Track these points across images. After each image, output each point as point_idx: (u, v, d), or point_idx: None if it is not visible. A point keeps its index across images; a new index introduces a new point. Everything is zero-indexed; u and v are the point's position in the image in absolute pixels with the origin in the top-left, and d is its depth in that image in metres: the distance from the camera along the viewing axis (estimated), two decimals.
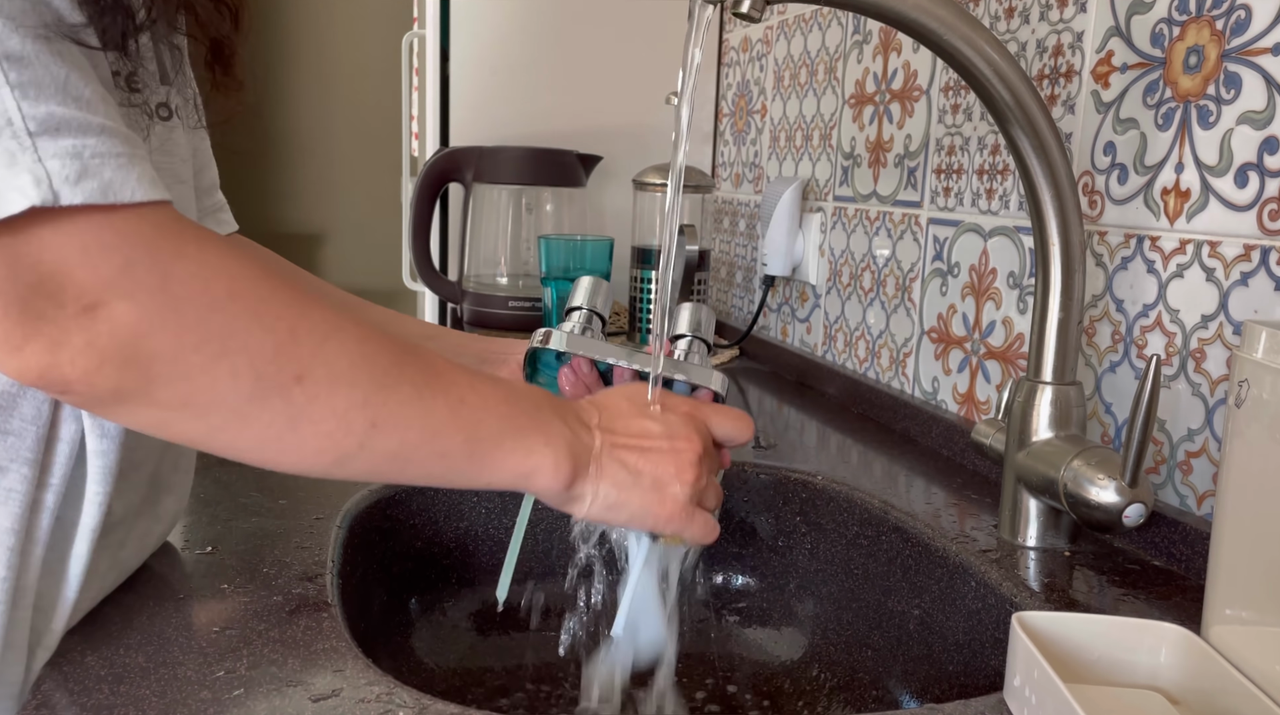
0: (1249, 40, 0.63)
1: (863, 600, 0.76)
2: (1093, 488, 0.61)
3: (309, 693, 0.46)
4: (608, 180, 1.60)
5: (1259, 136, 0.62)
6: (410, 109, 1.96)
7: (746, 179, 1.49)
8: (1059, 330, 0.66)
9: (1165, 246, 0.69)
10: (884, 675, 0.72)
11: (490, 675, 0.75)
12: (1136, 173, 0.72)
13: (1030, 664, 0.46)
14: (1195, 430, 0.67)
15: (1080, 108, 0.78)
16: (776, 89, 1.39)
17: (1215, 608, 0.51)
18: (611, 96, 1.63)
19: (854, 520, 0.77)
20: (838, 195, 1.18)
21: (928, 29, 0.61)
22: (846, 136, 1.17)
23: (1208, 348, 0.66)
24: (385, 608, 0.75)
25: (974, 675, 0.64)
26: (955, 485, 0.81)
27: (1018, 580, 0.62)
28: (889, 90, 1.07)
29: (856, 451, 0.91)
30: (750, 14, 0.59)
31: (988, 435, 0.74)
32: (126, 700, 0.45)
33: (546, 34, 1.61)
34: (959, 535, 0.69)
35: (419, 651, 0.75)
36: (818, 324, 1.23)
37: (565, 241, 1.32)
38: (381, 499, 0.75)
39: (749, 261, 1.46)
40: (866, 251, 1.11)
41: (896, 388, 1.04)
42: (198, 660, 0.49)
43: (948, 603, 0.67)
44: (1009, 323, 0.87)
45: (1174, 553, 0.65)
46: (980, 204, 0.91)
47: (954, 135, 0.95)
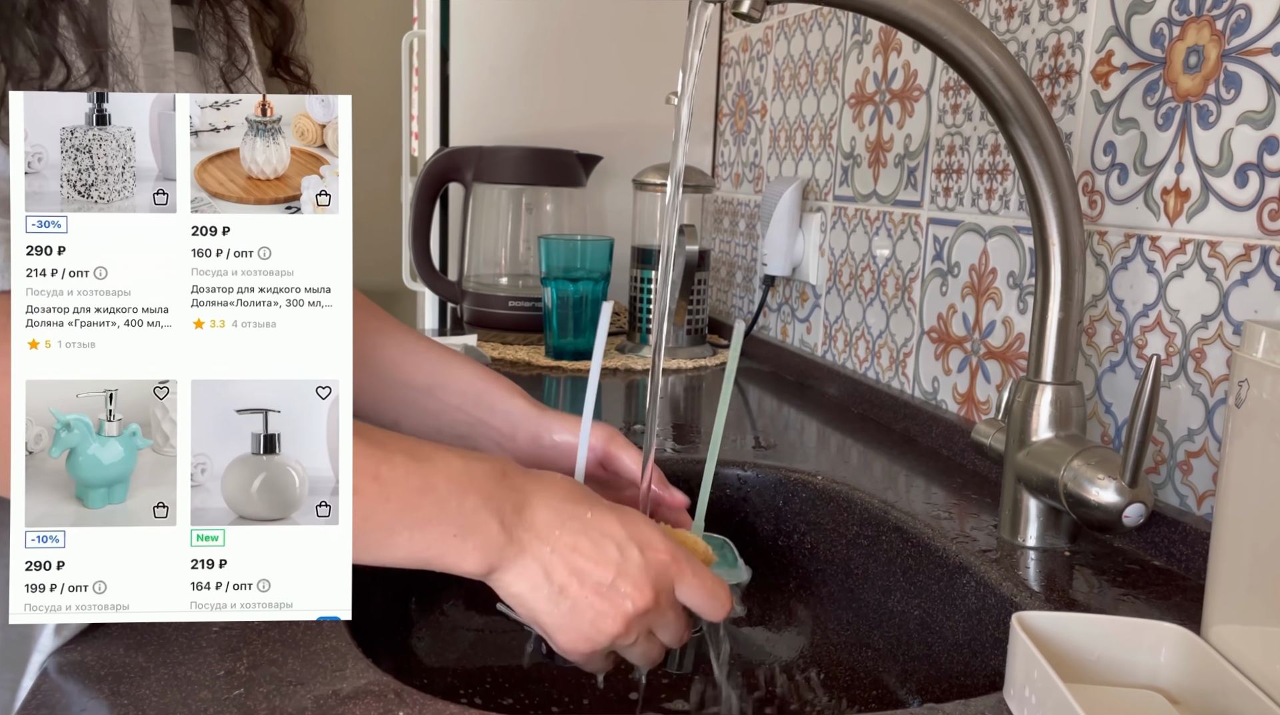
0: (1249, 40, 0.63)
1: (863, 600, 0.76)
2: (1093, 488, 0.61)
3: (309, 693, 0.46)
4: (608, 180, 1.60)
5: (1259, 136, 0.62)
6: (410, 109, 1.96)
7: (746, 179, 1.49)
8: (1059, 330, 0.66)
9: (1165, 246, 0.69)
10: (884, 675, 0.72)
11: (490, 675, 0.75)
12: (1136, 173, 0.72)
13: (1030, 664, 0.46)
14: (1195, 430, 0.67)
15: (1080, 108, 0.78)
16: (776, 89, 1.39)
17: (1215, 608, 0.51)
18: (611, 96, 1.63)
19: (854, 520, 0.77)
20: (838, 195, 1.18)
21: (928, 29, 0.61)
22: (846, 136, 1.17)
23: (1208, 348, 0.66)
24: (385, 608, 0.75)
25: (974, 675, 0.64)
26: (955, 485, 0.81)
27: (1018, 580, 0.62)
28: (889, 90, 1.07)
29: (856, 451, 0.91)
30: (750, 14, 0.59)
31: (988, 435, 0.74)
32: (126, 700, 0.45)
33: (546, 34, 1.61)
34: (959, 535, 0.69)
35: (419, 651, 0.75)
36: (818, 324, 1.23)
37: (565, 241, 1.32)
38: None
39: (749, 261, 1.46)
40: (866, 251, 1.11)
41: (896, 388, 1.04)
42: (198, 660, 0.49)
43: (948, 603, 0.67)
44: (1009, 323, 0.87)
45: (1174, 553, 0.65)
46: (980, 204, 0.91)
47: (954, 135, 0.95)
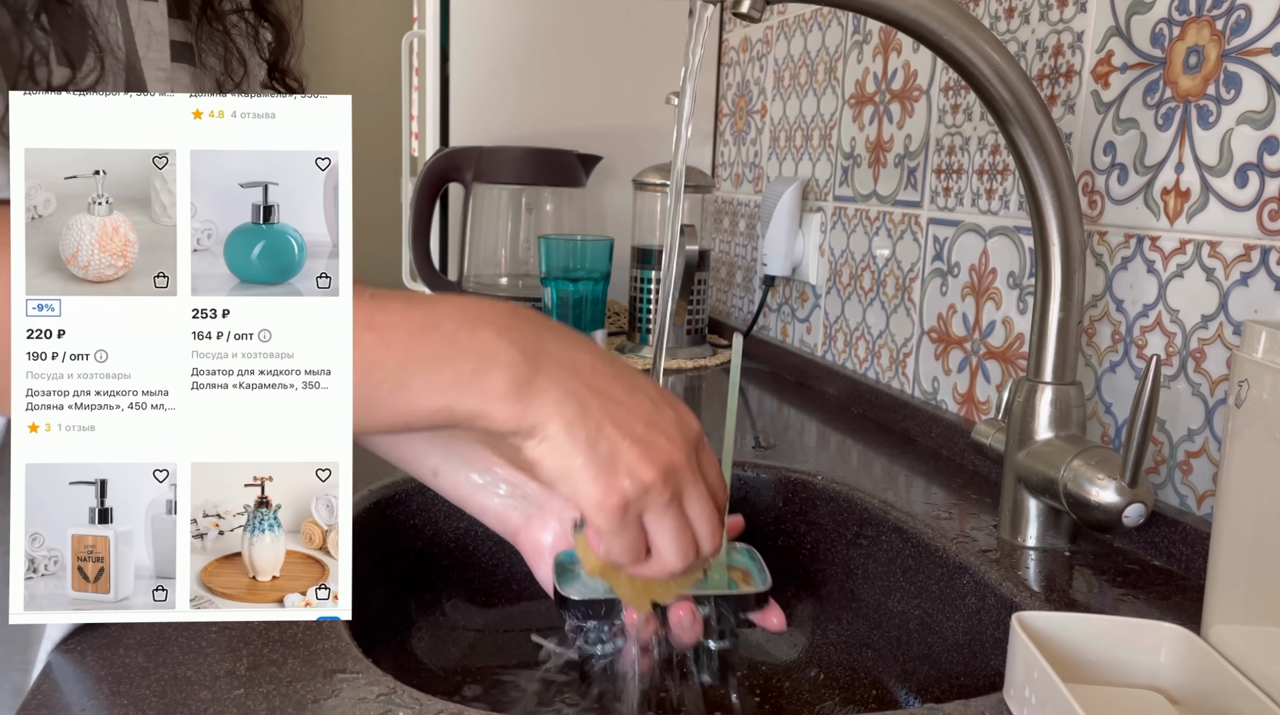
0: (1249, 40, 0.63)
1: (863, 600, 0.76)
2: (1093, 488, 0.61)
3: (309, 693, 0.46)
4: (608, 180, 1.60)
5: (1259, 136, 0.62)
6: (410, 109, 1.96)
7: (746, 179, 1.49)
8: (1059, 330, 0.66)
9: (1165, 246, 0.69)
10: (884, 675, 0.72)
11: (490, 675, 0.75)
12: (1136, 173, 0.72)
13: (1030, 664, 0.46)
14: (1195, 430, 0.67)
15: (1080, 108, 0.78)
16: (776, 89, 1.39)
17: (1215, 608, 0.51)
18: (611, 96, 1.63)
19: (854, 520, 0.77)
20: (838, 195, 1.18)
21: (928, 29, 0.61)
22: (846, 136, 1.17)
23: (1208, 348, 0.66)
24: (385, 608, 0.75)
25: (974, 675, 0.64)
26: (955, 485, 0.81)
27: (1018, 580, 0.62)
28: (889, 90, 1.07)
29: (856, 451, 0.91)
30: (750, 14, 0.59)
31: (988, 435, 0.74)
32: (126, 700, 0.45)
33: (546, 34, 1.61)
34: (959, 535, 0.69)
35: (419, 651, 0.75)
36: (818, 324, 1.23)
37: (565, 241, 1.32)
38: (382, 499, 0.75)
39: (749, 261, 1.46)
40: (866, 251, 1.11)
41: (896, 388, 1.04)
42: (198, 660, 0.49)
43: (948, 603, 0.67)
44: (1009, 323, 0.87)
45: (1174, 553, 0.65)
46: (980, 204, 0.91)
47: (954, 135, 0.95)
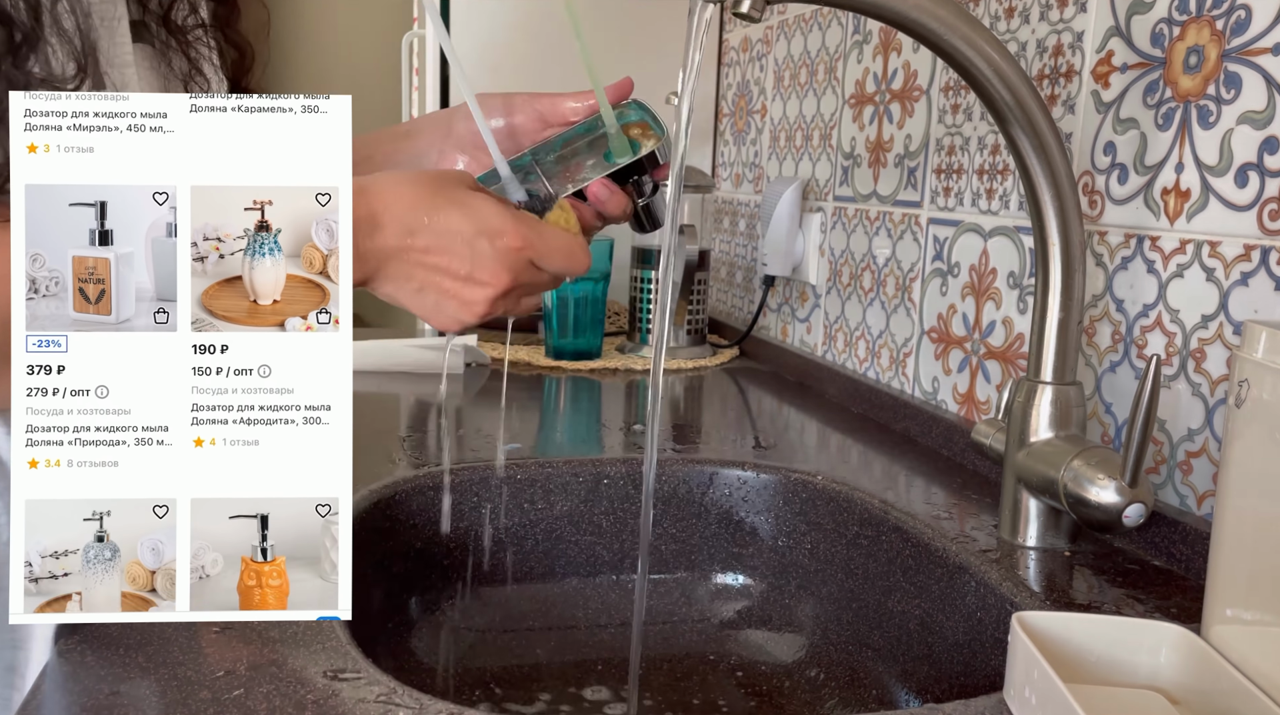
0: (1249, 40, 0.63)
1: (863, 600, 0.76)
2: (1093, 488, 0.61)
3: (309, 693, 0.46)
4: None
5: (1259, 136, 0.62)
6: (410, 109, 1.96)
7: (746, 179, 1.49)
8: (1059, 330, 0.66)
9: (1165, 246, 0.69)
10: (884, 675, 0.72)
11: (490, 675, 0.75)
12: (1136, 173, 0.72)
13: (1030, 664, 0.46)
14: (1195, 430, 0.67)
15: (1080, 108, 0.78)
16: (776, 89, 1.39)
17: (1215, 608, 0.51)
18: None
19: (854, 520, 0.77)
20: (838, 195, 1.18)
21: (928, 29, 0.61)
22: (846, 136, 1.17)
23: (1208, 348, 0.66)
24: (385, 608, 0.75)
25: (974, 675, 0.64)
26: (955, 485, 0.81)
27: (1018, 580, 0.62)
28: (889, 90, 1.07)
29: (856, 451, 0.91)
30: (750, 14, 0.59)
31: (988, 435, 0.74)
32: (126, 700, 0.45)
33: (546, 34, 1.61)
34: (959, 535, 0.69)
35: (419, 651, 0.75)
36: (818, 324, 1.23)
37: None
38: (381, 499, 0.75)
39: (749, 261, 1.46)
40: (866, 251, 1.11)
41: (896, 388, 1.04)
42: (198, 660, 0.49)
43: (948, 603, 0.67)
44: (1009, 323, 0.87)
45: (1174, 553, 0.65)
46: (980, 204, 0.91)
47: (954, 135, 0.95)
